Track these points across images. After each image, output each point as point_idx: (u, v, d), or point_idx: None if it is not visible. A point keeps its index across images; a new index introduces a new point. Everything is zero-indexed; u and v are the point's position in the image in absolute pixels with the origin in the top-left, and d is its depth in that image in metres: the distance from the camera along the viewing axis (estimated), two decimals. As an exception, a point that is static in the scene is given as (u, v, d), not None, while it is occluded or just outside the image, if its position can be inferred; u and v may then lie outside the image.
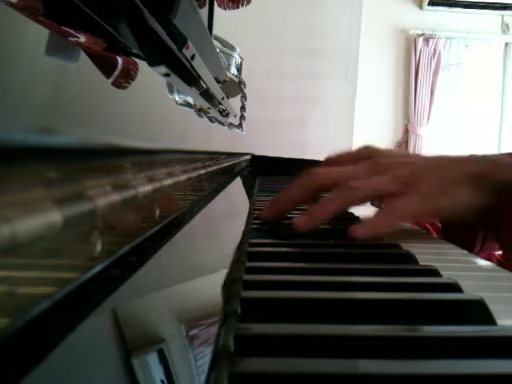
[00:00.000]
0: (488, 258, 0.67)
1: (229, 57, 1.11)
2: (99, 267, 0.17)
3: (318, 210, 0.41)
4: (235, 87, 1.16)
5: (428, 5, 3.41)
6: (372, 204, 0.54)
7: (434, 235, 0.51)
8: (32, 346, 0.12)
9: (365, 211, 0.51)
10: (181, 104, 0.46)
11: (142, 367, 0.15)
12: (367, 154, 0.58)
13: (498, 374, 0.17)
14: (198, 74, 0.49)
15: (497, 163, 0.41)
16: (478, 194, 0.39)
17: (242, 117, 1.18)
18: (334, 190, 0.42)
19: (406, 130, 3.50)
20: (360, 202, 0.42)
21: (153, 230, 0.25)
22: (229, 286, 0.25)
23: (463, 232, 0.47)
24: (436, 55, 3.44)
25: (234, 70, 1.13)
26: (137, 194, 0.20)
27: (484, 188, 0.39)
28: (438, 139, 3.42)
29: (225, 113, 0.86)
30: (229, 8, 0.97)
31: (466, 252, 0.40)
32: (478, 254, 0.52)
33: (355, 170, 0.44)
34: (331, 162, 0.60)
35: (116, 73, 0.25)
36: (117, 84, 0.25)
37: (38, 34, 0.17)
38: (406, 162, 0.43)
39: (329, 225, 0.44)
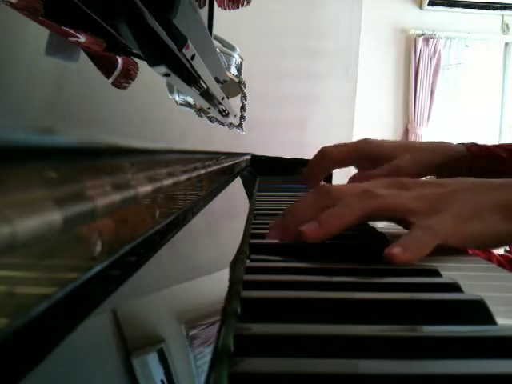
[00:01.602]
0: (488, 258, 0.67)
1: (229, 57, 1.11)
2: (99, 267, 0.17)
3: (331, 217, 0.35)
4: (235, 87, 1.16)
5: (428, 5, 3.41)
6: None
7: None
8: (32, 346, 0.12)
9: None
10: (181, 104, 0.46)
11: (141, 367, 0.15)
12: (366, 149, 0.58)
13: (498, 374, 0.17)
14: (198, 74, 0.49)
15: None
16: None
17: (242, 117, 1.18)
18: (353, 195, 0.36)
19: (406, 130, 3.51)
20: (380, 212, 0.36)
21: (153, 230, 0.25)
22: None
23: None
24: (436, 55, 3.44)
25: (234, 70, 1.13)
26: (137, 194, 0.20)
27: None
28: (438, 139, 3.41)
29: (225, 113, 0.86)
30: (229, 8, 0.97)
31: (465, 252, 0.39)
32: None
33: (375, 185, 0.38)
34: (327, 153, 0.61)
35: (116, 73, 0.25)
36: (117, 84, 0.25)
37: (37, 34, 0.17)
38: (433, 183, 0.39)
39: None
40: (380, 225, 0.46)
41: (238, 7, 0.99)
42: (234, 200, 0.67)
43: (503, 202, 0.36)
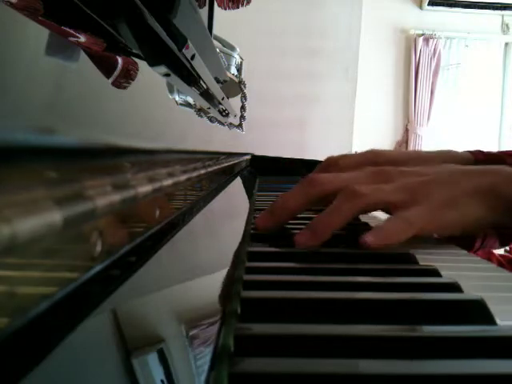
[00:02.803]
0: (488, 258, 0.67)
1: (229, 57, 1.11)
2: (99, 267, 0.17)
3: (322, 224, 0.37)
4: (235, 87, 1.16)
5: (428, 5, 3.41)
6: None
7: None
8: (32, 346, 0.12)
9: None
10: (181, 104, 0.46)
11: (141, 367, 0.15)
12: (372, 159, 0.59)
13: (498, 374, 0.17)
14: (198, 74, 0.49)
15: (504, 175, 0.39)
16: (488, 208, 0.38)
17: (242, 117, 1.18)
18: (338, 197, 0.38)
19: (406, 130, 3.51)
20: (368, 210, 0.40)
21: (153, 230, 0.25)
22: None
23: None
24: (436, 55, 3.44)
25: (234, 70, 1.13)
26: (137, 194, 0.20)
27: (493, 202, 0.38)
28: (438, 139, 3.42)
29: (225, 113, 0.86)
30: (229, 8, 0.97)
31: (465, 252, 0.40)
32: (479, 250, 0.52)
33: (359, 177, 0.41)
34: (331, 164, 0.61)
35: (116, 73, 0.25)
36: (117, 84, 0.25)
37: (38, 34, 0.17)
38: (414, 172, 0.42)
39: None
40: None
41: (237, 7, 0.99)
42: (234, 200, 0.67)
43: (477, 188, 0.38)
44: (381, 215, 0.44)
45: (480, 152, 0.63)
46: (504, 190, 0.38)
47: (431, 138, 3.44)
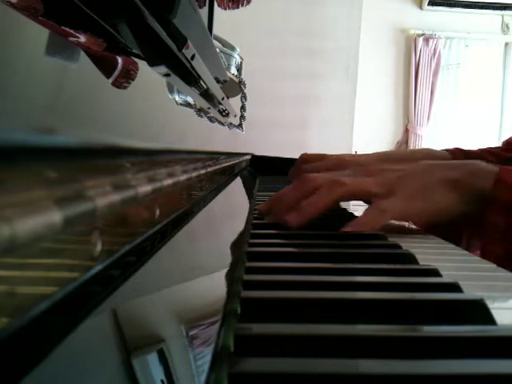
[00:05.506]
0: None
1: (229, 57, 1.11)
2: (99, 267, 0.17)
3: (308, 205, 0.43)
4: (235, 87, 1.16)
5: (428, 5, 3.41)
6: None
7: None
8: (32, 346, 0.12)
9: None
10: (181, 104, 0.46)
11: (141, 367, 0.15)
12: (341, 164, 0.61)
13: (498, 374, 0.17)
14: (198, 74, 0.49)
15: (471, 169, 0.44)
16: (457, 198, 0.43)
17: (242, 117, 1.18)
18: (324, 184, 0.44)
19: (406, 130, 3.51)
20: (348, 197, 0.45)
21: (153, 230, 0.25)
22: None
23: (449, 230, 0.48)
24: (436, 55, 3.45)
25: (234, 70, 1.13)
26: (137, 194, 0.20)
27: (460, 193, 0.43)
28: (438, 139, 3.42)
29: (225, 113, 0.86)
30: (229, 8, 0.97)
31: (466, 252, 0.40)
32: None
33: (344, 172, 0.48)
34: (306, 161, 0.64)
35: (116, 73, 0.25)
36: (117, 84, 0.25)
37: (38, 34, 0.17)
38: (392, 168, 0.47)
39: (328, 224, 0.44)
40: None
41: (238, 7, 0.99)
42: (234, 200, 0.67)
43: (447, 179, 0.43)
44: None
45: (458, 150, 0.63)
46: (471, 181, 0.43)
47: (431, 138, 3.44)
